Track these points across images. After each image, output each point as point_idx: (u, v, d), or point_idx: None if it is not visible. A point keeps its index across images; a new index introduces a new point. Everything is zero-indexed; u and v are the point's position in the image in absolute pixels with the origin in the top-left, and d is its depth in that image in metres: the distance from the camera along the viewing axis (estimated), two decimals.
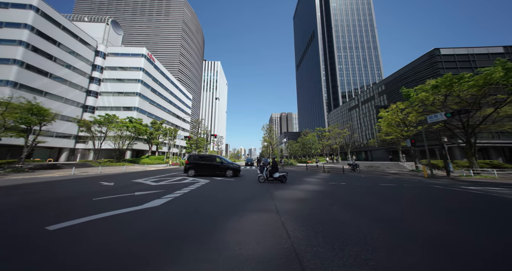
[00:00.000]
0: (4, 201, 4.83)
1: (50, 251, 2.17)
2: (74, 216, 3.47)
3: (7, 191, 6.49)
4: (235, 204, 4.38)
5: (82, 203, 4.60)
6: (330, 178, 10.56)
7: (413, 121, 19.79)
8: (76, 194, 5.89)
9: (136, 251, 2.16)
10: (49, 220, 3.23)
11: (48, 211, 3.85)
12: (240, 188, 6.99)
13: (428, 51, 29.63)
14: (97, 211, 3.78)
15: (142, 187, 7.04)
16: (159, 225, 3.05)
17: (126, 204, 4.33)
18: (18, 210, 3.93)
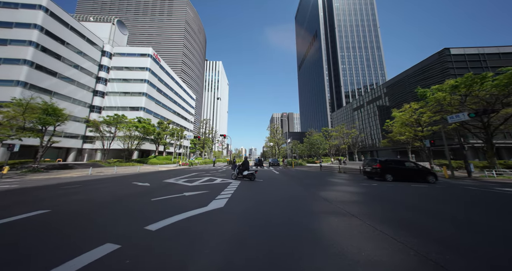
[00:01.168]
0: (71, 201, 4.84)
1: (182, 252, 2.18)
2: (158, 216, 3.49)
3: (57, 191, 6.51)
4: (288, 205, 4.43)
5: (147, 203, 4.63)
6: (357, 179, 10.53)
7: (426, 121, 19.75)
8: (128, 194, 5.92)
9: (283, 248, 2.21)
10: (142, 221, 3.26)
11: (125, 212, 3.88)
12: (273, 189, 7.04)
13: (438, 51, 29.61)
14: (175, 211, 3.81)
15: (180, 188, 7.06)
16: (249, 222, 3.08)
17: (191, 205, 4.34)
18: (92, 211, 3.95)
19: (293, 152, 31.53)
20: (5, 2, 29.25)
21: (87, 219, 3.44)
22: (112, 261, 1.98)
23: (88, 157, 41.35)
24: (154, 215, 3.62)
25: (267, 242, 2.36)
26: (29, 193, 6.36)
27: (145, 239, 2.51)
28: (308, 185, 7.91)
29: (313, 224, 3.01)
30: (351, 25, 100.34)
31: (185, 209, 3.94)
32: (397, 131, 21.59)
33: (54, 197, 5.55)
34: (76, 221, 3.33)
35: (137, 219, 3.37)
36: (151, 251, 2.19)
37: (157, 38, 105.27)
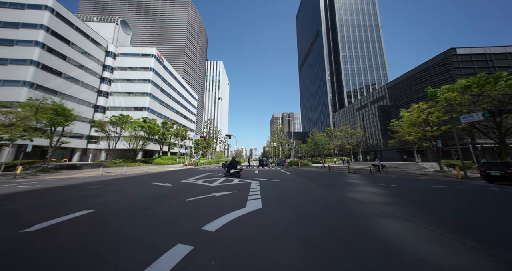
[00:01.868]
0: (107, 201, 4.85)
1: (262, 254, 2.19)
2: (206, 217, 3.50)
3: (85, 192, 6.53)
4: (329, 207, 4.45)
5: (183, 203, 4.64)
6: (374, 180, 10.51)
7: (435, 122, 19.71)
8: (157, 194, 5.93)
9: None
10: (194, 221, 3.27)
11: (171, 212, 3.89)
12: (297, 190, 7.08)
13: (444, 51, 29.55)
14: (218, 212, 3.82)
15: (204, 188, 7.07)
16: (305, 225, 3.09)
17: (229, 206, 4.35)
18: (137, 212, 3.96)
19: (299, 152, 31.46)
20: (12, 3, 29.30)
21: (137, 219, 3.44)
22: (196, 263, 1.98)
23: (93, 157, 41.40)
24: (200, 215, 3.63)
25: (348, 251, 2.23)
26: (58, 193, 6.37)
27: (213, 240, 2.52)
28: (331, 186, 7.91)
29: (374, 229, 2.97)
30: (353, 25, 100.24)
31: (226, 210, 3.94)
32: (406, 131, 21.57)
33: (87, 197, 5.56)
34: (129, 221, 3.34)
35: (188, 220, 3.38)
36: (229, 252, 2.20)
37: (158, 38, 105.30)
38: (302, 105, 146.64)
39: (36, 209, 4.25)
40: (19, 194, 6.39)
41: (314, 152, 35.63)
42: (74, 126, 34.51)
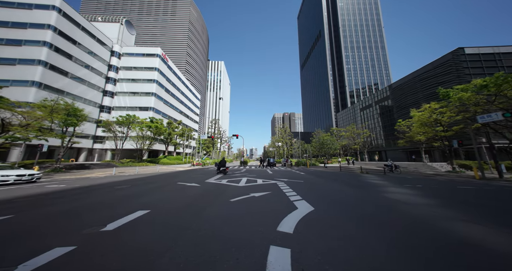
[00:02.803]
0: (152, 201, 4.85)
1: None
2: (267, 218, 3.50)
3: (118, 192, 6.53)
4: (385, 209, 4.45)
5: (231, 204, 4.63)
6: (395, 181, 10.47)
7: (446, 121, 19.68)
8: (196, 194, 5.93)
9: None
10: (262, 222, 3.25)
11: (231, 213, 3.89)
12: (328, 189, 7.09)
13: (452, 51, 29.51)
14: (272, 213, 3.81)
15: (235, 189, 7.08)
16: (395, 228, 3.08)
17: (277, 206, 4.34)
18: (196, 212, 3.94)
19: (306, 151, 31.37)
20: (19, 3, 29.32)
21: (211, 219, 3.42)
22: (312, 266, 1.97)
23: (98, 157, 41.43)
24: (260, 216, 3.61)
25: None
26: (95, 193, 6.35)
27: (303, 242, 2.50)
28: (360, 187, 7.91)
29: (459, 235, 2.95)
30: (355, 25, 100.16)
31: (281, 211, 3.92)
32: (416, 131, 21.54)
33: (129, 197, 5.55)
34: (204, 222, 3.32)
35: (255, 221, 3.36)
36: (332, 255, 2.18)
37: (161, 38, 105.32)
38: (304, 105, 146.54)
39: (91, 209, 4.24)
40: (55, 193, 6.37)
41: (320, 151, 35.58)
42: (83, 126, 34.70)
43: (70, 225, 3.22)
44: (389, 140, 45.21)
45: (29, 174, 9.70)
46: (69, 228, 3.06)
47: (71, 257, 2.14)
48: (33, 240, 2.62)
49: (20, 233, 2.90)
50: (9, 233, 2.91)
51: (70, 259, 2.09)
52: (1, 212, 4.07)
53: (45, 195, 6.17)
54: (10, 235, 2.82)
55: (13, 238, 2.68)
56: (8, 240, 2.62)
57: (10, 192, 6.88)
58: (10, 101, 13.68)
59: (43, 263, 1.99)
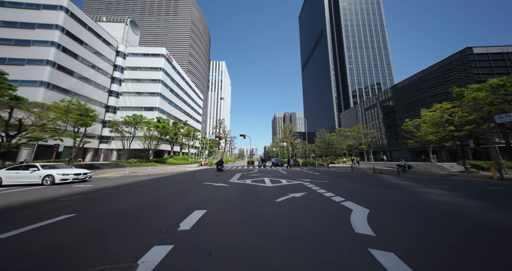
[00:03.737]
0: (198, 201, 4.86)
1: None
2: (332, 219, 3.52)
3: (154, 192, 6.55)
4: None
5: (278, 204, 4.66)
6: (418, 181, 10.45)
7: (458, 121, 19.65)
8: (236, 194, 6.00)
9: None
10: (331, 224, 3.28)
11: (292, 213, 3.91)
12: (364, 189, 7.09)
13: (460, 50, 29.50)
14: (333, 214, 3.83)
15: (266, 189, 7.14)
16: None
17: (332, 208, 4.38)
18: (258, 212, 3.95)
19: (315, 151, 31.37)
20: (28, 3, 29.35)
21: (277, 220, 3.44)
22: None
23: (104, 157, 41.48)
24: (324, 218, 3.62)
25: None
26: (130, 192, 6.37)
27: (391, 244, 2.51)
28: (385, 187, 7.95)
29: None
30: (358, 24, 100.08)
31: (336, 213, 3.95)
32: (427, 131, 21.52)
33: (168, 196, 5.57)
34: (270, 223, 3.33)
35: (327, 222, 3.38)
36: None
37: (163, 38, 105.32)
38: (305, 105, 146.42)
39: (144, 208, 4.27)
40: (92, 193, 6.39)
41: (327, 151, 35.64)
42: (92, 126, 34.81)
43: (140, 224, 3.25)
44: (393, 140, 45.20)
45: (83, 173, 9.90)
46: (144, 227, 3.09)
47: (180, 254, 2.16)
48: (125, 238, 2.65)
49: (105, 230, 2.93)
50: (93, 230, 2.94)
51: (182, 257, 2.11)
52: (58, 211, 4.09)
53: (84, 194, 6.19)
54: (97, 233, 2.85)
55: (105, 235, 2.72)
56: (103, 237, 2.65)
57: (49, 191, 6.90)
58: (27, 102, 13.72)
59: (159, 261, 2.01)
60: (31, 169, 9.04)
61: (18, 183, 8.84)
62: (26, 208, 4.59)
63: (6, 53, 27.30)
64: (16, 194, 6.69)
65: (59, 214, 3.93)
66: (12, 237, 2.81)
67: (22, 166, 9.28)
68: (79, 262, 2.06)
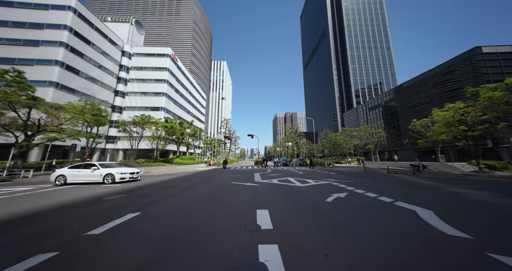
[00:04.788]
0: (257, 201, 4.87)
1: None
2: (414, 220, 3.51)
3: (194, 192, 6.54)
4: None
5: (330, 204, 4.67)
6: (445, 181, 10.40)
7: (470, 121, 19.61)
8: (277, 194, 5.98)
9: None
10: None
11: (355, 214, 3.90)
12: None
13: (468, 50, 29.44)
14: (409, 215, 3.81)
15: (301, 190, 7.12)
16: None
17: (391, 208, 4.37)
18: (327, 212, 3.95)
19: (324, 151, 31.35)
20: (36, 4, 29.37)
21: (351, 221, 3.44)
22: None
23: (110, 157, 41.50)
24: (398, 219, 3.58)
25: None
26: (168, 191, 6.36)
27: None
28: (419, 187, 7.94)
29: None
30: (360, 24, 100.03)
31: (403, 214, 3.94)
32: (439, 131, 21.50)
33: (213, 195, 5.57)
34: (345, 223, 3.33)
35: (403, 223, 3.37)
36: None
37: (165, 38, 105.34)
38: (307, 105, 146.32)
39: (208, 207, 4.27)
40: (135, 191, 6.38)
41: (334, 151, 35.64)
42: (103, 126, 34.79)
43: (218, 223, 3.25)
44: (397, 140, 45.15)
45: (136, 172, 10.15)
46: (225, 225, 3.09)
47: (292, 254, 2.17)
48: (218, 236, 2.64)
49: (189, 229, 2.93)
50: (176, 229, 2.94)
51: (297, 256, 2.11)
52: (122, 208, 4.09)
53: (126, 193, 6.18)
54: (185, 230, 2.85)
55: (197, 233, 2.71)
56: (197, 235, 2.65)
57: (107, 189, 6.91)
58: (44, 102, 13.73)
59: (280, 259, 2.01)
60: (91, 167, 9.27)
61: (80, 181, 9.07)
62: (93, 205, 4.60)
63: (16, 54, 27.32)
64: (80, 190, 6.72)
65: (125, 212, 3.97)
66: (106, 232, 2.86)
67: (82, 165, 9.48)
68: (203, 259, 2.07)
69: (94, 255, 2.26)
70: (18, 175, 12.78)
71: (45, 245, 2.53)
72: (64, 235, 2.86)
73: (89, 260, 2.15)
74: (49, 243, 2.59)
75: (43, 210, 4.43)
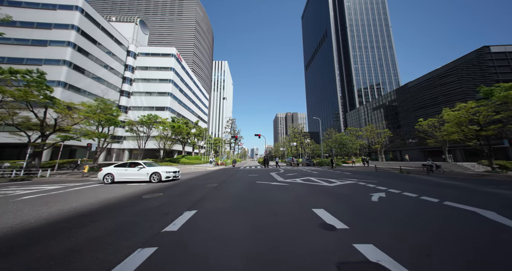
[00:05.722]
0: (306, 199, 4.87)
1: None
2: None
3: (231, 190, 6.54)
4: None
5: (381, 204, 4.67)
6: (469, 181, 10.38)
7: (483, 120, 19.59)
8: (312, 193, 5.95)
9: None
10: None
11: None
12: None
13: (476, 49, 29.43)
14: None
15: (333, 189, 7.12)
16: None
17: (444, 210, 4.36)
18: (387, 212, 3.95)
19: (332, 151, 31.37)
20: (44, 4, 29.38)
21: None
22: None
23: (116, 157, 41.53)
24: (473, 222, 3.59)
25: None
26: (203, 189, 6.37)
27: None
28: (450, 187, 7.92)
29: None
30: (363, 24, 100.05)
31: (474, 215, 3.88)
32: (450, 131, 21.49)
33: (254, 194, 5.57)
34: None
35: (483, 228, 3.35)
36: None
37: (168, 38, 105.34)
38: (309, 104, 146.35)
39: (264, 204, 4.27)
40: (173, 188, 6.38)
41: (341, 151, 35.68)
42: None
43: (296, 220, 3.25)
44: (400, 140, 45.11)
45: (178, 171, 10.39)
46: (314, 222, 3.09)
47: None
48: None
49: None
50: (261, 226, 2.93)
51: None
52: (176, 205, 4.09)
53: (162, 192, 6.18)
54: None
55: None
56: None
57: (153, 187, 6.91)
58: (61, 102, 13.75)
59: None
60: (137, 166, 9.34)
61: (128, 179, 9.14)
62: (142, 202, 4.61)
63: (24, 54, 27.34)
64: (123, 188, 6.74)
65: (179, 209, 3.98)
66: (182, 229, 2.89)
67: (127, 164, 9.55)
68: (302, 260, 2.07)
69: (193, 250, 2.27)
70: (35, 174, 12.80)
71: (132, 240, 2.54)
72: (140, 231, 2.86)
73: (193, 255, 2.16)
74: (134, 239, 2.60)
75: (99, 206, 4.46)
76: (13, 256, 2.18)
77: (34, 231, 2.98)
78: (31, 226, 3.18)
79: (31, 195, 6.28)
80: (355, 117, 73.78)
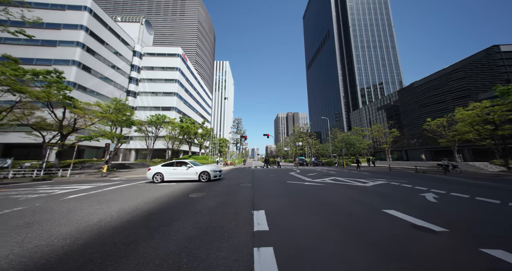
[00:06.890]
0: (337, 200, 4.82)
1: None
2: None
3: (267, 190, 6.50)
4: None
5: (440, 204, 4.60)
6: (492, 182, 10.29)
7: (497, 120, 19.52)
8: (349, 193, 5.90)
9: None
10: None
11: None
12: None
13: (486, 48, 29.37)
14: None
15: (372, 189, 7.02)
16: None
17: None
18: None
19: (342, 151, 31.34)
20: (53, 4, 29.39)
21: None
22: None
23: (123, 157, 41.53)
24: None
25: None
26: (241, 185, 6.32)
27: None
28: (484, 187, 7.88)
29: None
30: (366, 24, 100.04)
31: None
32: (463, 130, 21.42)
33: (304, 196, 5.53)
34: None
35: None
36: None
37: (170, 38, 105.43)
38: (310, 104, 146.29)
39: (329, 204, 4.23)
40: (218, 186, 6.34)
41: (348, 151, 35.65)
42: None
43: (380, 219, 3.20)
44: (404, 139, 45.05)
45: (220, 170, 10.31)
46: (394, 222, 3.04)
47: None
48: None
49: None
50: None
51: None
52: (240, 204, 4.04)
53: (208, 190, 6.13)
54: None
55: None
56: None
57: (203, 186, 6.87)
58: (80, 102, 13.73)
59: None
60: (184, 165, 9.34)
61: (177, 178, 9.09)
62: (198, 202, 4.56)
63: (34, 54, 27.35)
64: (170, 187, 6.71)
65: (244, 209, 3.94)
66: (272, 229, 2.84)
67: (174, 163, 9.49)
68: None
69: (310, 252, 2.22)
70: (55, 174, 12.77)
71: (235, 239, 2.50)
72: (230, 231, 2.82)
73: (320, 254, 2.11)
74: (234, 238, 2.55)
75: (157, 205, 4.42)
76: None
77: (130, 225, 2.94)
78: (112, 224, 3.14)
79: (71, 194, 6.24)
80: (359, 117, 73.72)
